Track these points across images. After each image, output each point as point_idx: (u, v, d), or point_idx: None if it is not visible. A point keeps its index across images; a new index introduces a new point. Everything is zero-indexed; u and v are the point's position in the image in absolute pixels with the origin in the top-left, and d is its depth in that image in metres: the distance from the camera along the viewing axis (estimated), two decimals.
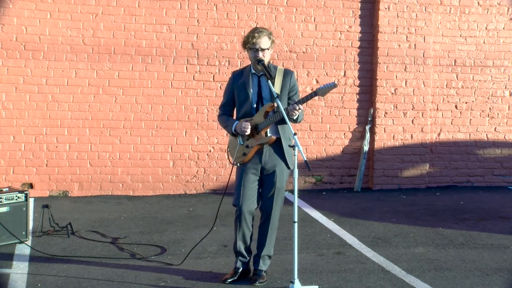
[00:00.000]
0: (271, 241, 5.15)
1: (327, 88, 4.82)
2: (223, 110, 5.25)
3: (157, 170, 8.66)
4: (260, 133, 4.98)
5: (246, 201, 5.01)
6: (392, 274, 5.34)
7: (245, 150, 5.03)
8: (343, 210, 7.78)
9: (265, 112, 4.97)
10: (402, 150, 9.20)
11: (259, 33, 4.93)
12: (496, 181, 9.52)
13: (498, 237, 6.55)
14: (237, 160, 5.08)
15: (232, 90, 5.14)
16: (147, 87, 8.59)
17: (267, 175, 5.04)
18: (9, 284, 5.03)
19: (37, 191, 8.30)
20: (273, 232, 5.15)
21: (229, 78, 5.25)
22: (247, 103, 5.05)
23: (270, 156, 5.03)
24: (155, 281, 5.10)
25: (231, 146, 5.19)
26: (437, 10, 9.20)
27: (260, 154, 5.03)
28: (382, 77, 9.07)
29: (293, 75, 5.13)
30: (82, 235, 6.45)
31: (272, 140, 4.99)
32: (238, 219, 5.07)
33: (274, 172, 5.02)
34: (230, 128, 5.10)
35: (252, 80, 5.05)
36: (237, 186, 5.08)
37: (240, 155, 5.06)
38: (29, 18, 8.25)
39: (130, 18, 8.51)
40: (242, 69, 5.23)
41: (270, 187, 5.03)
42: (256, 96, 5.04)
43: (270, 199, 5.05)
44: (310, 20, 8.96)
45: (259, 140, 4.99)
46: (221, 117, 5.24)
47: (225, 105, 5.23)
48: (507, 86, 9.50)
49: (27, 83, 8.30)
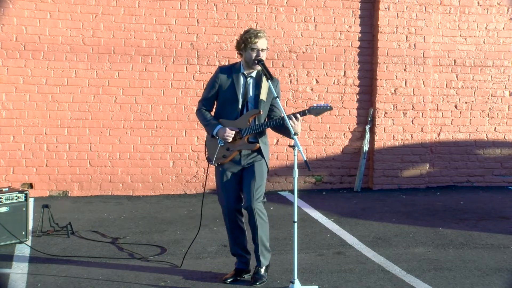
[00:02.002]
0: (263, 233, 5.01)
1: (321, 109, 4.84)
2: (203, 104, 5.11)
3: (157, 170, 8.66)
4: (243, 138, 4.95)
5: (229, 200, 5.04)
6: (392, 274, 5.34)
7: (225, 152, 4.99)
8: (343, 210, 7.78)
9: (250, 117, 4.93)
10: (402, 150, 9.20)
11: (260, 34, 4.93)
12: (496, 181, 9.51)
13: (498, 237, 6.55)
14: (217, 161, 5.04)
15: (217, 85, 5.02)
16: (147, 87, 8.59)
17: (247, 170, 5.01)
18: (9, 284, 5.03)
19: (37, 191, 8.30)
20: (262, 224, 4.99)
21: (215, 72, 5.08)
22: (233, 105, 4.97)
23: (249, 156, 5.02)
24: (155, 281, 5.10)
25: (210, 144, 5.09)
26: (437, 10, 9.20)
27: (239, 157, 5.01)
28: (382, 77, 9.07)
29: (279, 84, 5.11)
30: (82, 235, 6.45)
31: (256, 147, 4.97)
32: (226, 219, 5.11)
33: (253, 165, 4.99)
34: (211, 130, 4.99)
35: (241, 80, 5.00)
36: (219, 187, 5.08)
37: (220, 156, 5.02)
38: (29, 18, 8.25)
39: (130, 18, 8.51)
40: (231, 65, 5.13)
41: (249, 180, 4.97)
42: (242, 98, 4.98)
43: (250, 192, 4.96)
44: (310, 20, 8.96)
45: (242, 146, 4.97)
46: (201, 112, 5.09)
47: (206, 100, 5.10)
48: (507, 86, 9.49)
49: (27, 83, 8.30)
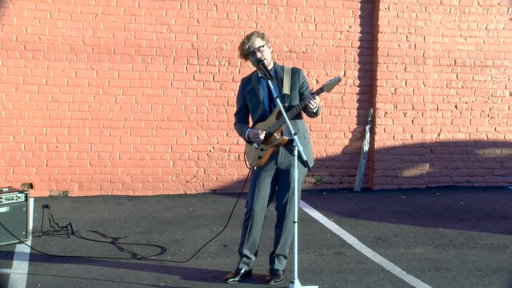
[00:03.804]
0: (286, 242, 5.15)
1: (333, 83, 4.86)
2: (237, 118, 5.32)
3: (157, 170, 8.66)
4: (273, 135, 5.00)
5: (258, 202, 5.07)
6: (392, 274, 5.34)
7: (260, 153, 5.07)
8: (343, 210, 7.77)
9: (276, 114, 5.00)
10: (402, 150, 9.20)
11: (249, 37, 5.03)
12: (496, 181, 9.51)
13: (498, 237, 6.55)
14: (253, 164, 5.12)
15: (244, 97, 5.22)
16: (147, 87, 8.59)
17: (283, 175, 5.08)
18: (9, 284, 5.03)
19: (37, 191, 8.30)
20: (288, 233, 5.11)
21: (239, 85, 5.33)
22: (260, 108, 5.11)
23: (286, 157, 5.05)
24: (155, 281, 5.10)
25: (247, 150, 5.24)
26: (437, 10, 9.20)
27: (276, 156, 5.06)
28: (382, 77, 9.07)
29: (301, 72, 5.18)
30: (82, 235, 6.45)
31: (284, 140, 4.99)
32: (250, 220, 5.10)
33: (289, 171, 5.03)
34: (244, 135, 5.18)
35: (261, 84, 5.11)
36: (251, 189, 5.13)
37: (255, 158, 5.10)
38: (29, 18, 8.25)
39: (130, 18, 8.51)
40: (250, 75, 5.29)
41: (286, 187, 5.05)
42: (267, 99, 5.09)
43: (285, 199, 5.06)
44: (310, 20, 8.96)
45: (272, 142, 5.02)
46: (236, 125, 5.32)
47: (238, 113, 5.31)
48: (507, 86, 9.49)
49: (27, 83, 8.30)
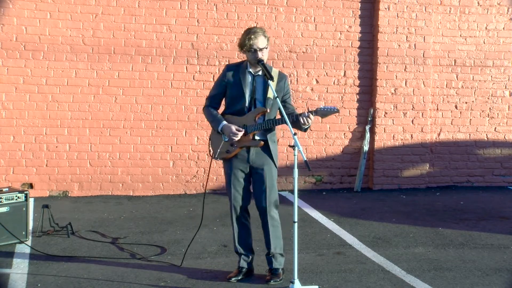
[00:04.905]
0: (276, 238, 5.11)
1: (329, 111, 4.87)
2: (210, 102, 5.14)
3: (157, 170, 8.66)
4: (248, 135, 4.97)
5: (237, 198, 5.06)
6: (392, 274, 5.34)
7: (229, 148, 5.01)
8: (343, 210, 7.77)
9: (256, 115, 4.95)
10: (402, 150, 9.20)
11: (255, 34, 4.90)
12: (496, 181, 9.51)
13: (498, 237, 6.55)
14: (219, 156, 5.07)
15: (225, 84, 5.06)
16: (147, 87, 8.58)
17: (256, 173, 5.04)
18: (9, 284, 5.03)
19: (37, 191, 8.29)
20: (275, 229, 5.10)
21: (223, 70, 5.14)
22: (241, 102, 5.00)
23: (257, 155, 5.02)
24: (155, 281, 5.10)
25: (214, 140, 5.12)
26: (437, 10, 9.20)
27: (247, 153, 5.02)
28: (382, 77, 9.07)
29: (287, 79, 5.16)
30: (82, 235, 6.45)
31: (260, 145, 4.98)
32: (233, 217, 5.13)
33: (263, 170, 5.01)
34: (216, 126, 5.03)
35: (248, 78, 5.01)
36: (227, 187, 5.12)
37: (223, 151, 5.03)
38: (29, 18, 8.24)
39: (130, 18, 8.51)
40: (238, 63, 5.15)
41: (261, 185, 5.03)
42: (250, 95, 5.00)
43: (262, 197, 5.03)
44: (310, 20, 8.96)
45: (246, 143, 4.98)
46: (208, 110, 5.12)
47: (213, 98, 5.14)
48: (507, 86, 9.49)
49: (27, 83, 8.30)
